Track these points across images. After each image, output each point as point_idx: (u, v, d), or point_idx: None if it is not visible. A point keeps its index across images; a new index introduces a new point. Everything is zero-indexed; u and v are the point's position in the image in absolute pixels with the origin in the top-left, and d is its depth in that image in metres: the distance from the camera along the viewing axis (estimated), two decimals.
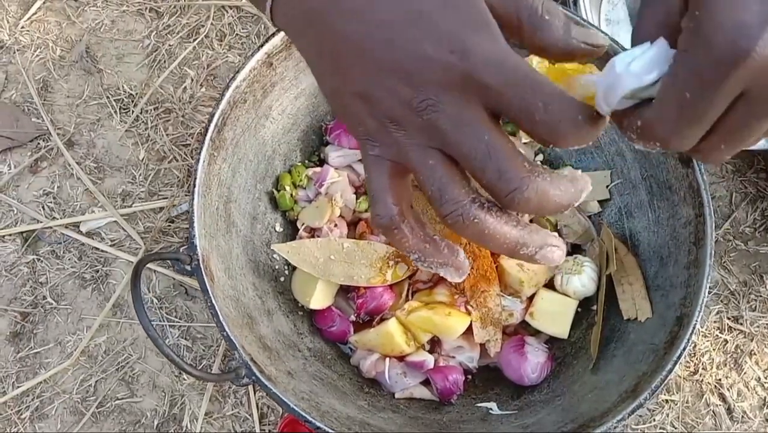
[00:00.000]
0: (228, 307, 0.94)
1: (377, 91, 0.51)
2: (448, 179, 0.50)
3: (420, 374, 1.07)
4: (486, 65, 0.47)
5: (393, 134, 0.52)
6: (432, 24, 0.48)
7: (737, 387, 1.19)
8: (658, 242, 1.08)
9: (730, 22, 0.42)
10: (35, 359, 1.18)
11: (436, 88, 0.48)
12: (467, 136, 0.49)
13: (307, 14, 0.53)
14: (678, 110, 0.45)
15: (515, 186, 0.48)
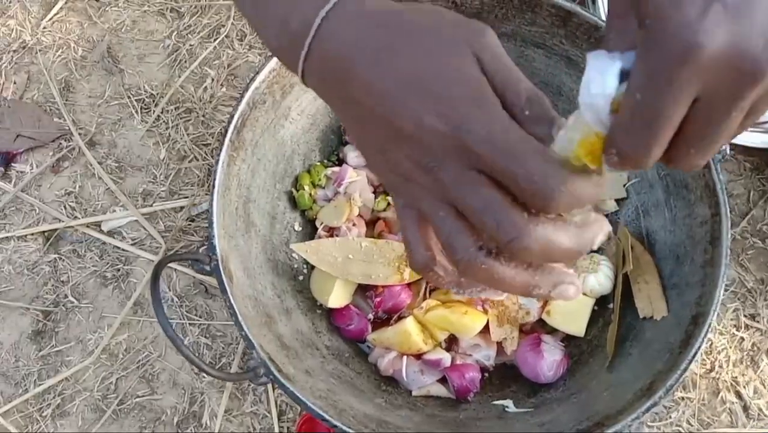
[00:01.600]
0: (247, 306, 0.96)
1: (392, 151, 0.56)
2: (457, 230, 0.54)
3: (437, 372, 1.08)
4: (478, 139, 0.51)
5: (410, 188, 0.56)
6: (434, 97, 0.52)
7: (753, 385, 1.19)
8: (674, 240, 1.08)
9: (676, 20, 0.43)
10: (57, 357, 1.20)
11: (438, 153, 0.52)
12: (466, 193, 0.52)
13: (329, 82, 0.58)
14: (637, 116, 0.46)
15: (513, 235, 0.51)
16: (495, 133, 0.51)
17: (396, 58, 0.55)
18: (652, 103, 0.45)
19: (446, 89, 0.53)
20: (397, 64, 0.55)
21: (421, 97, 0.54)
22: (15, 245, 1.26)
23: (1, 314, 1.23)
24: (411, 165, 0.55)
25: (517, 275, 0.55)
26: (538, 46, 1.13)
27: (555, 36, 1.10)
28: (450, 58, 0.55)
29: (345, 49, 0.57)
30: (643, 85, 0.45)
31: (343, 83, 0.58)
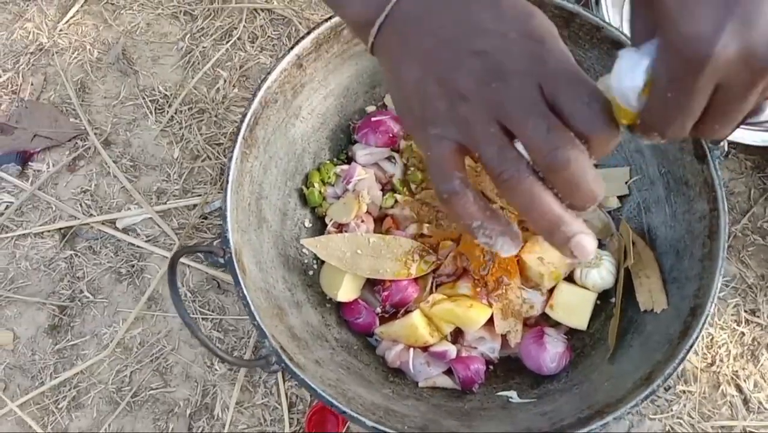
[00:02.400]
0: (259, 298, 0.97)
1: (455, 71, 0.60)
2: (507, 144, 0.58)
3: (443, 363, 1.10)
4: (557, 59, 0.57)
5: (460, 110, 0.60)
6: (520, 20, 0.59)
7: (754, 378, 1.20)
8: (674, 235, 1.10)
9: (692, 33, 0.51)
10: (72, 350, 1.21)
11: (510, 67, 0.58)
12: (525, 106, 0.57)
13: (401, 39, 0.65)
14: (665, 109, 0.55)
15: (558, 145, 0.56)
16: (570, 63, 0.58)
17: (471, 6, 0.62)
18: (678, 100, 0.54)
19: (526, 22, 0.60)
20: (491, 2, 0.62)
21: (507, 19, 0.60)
22: (32, 242, 1.26)
23: (19, 309, 1.23)
24: (472, 80, 0.60)
25: (552, 204, 0.58)
26: None
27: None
28: (536, 12, 0.61)
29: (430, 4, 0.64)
30: (667, 86, 0.54)
31: (423, 22, 0.64)
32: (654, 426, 1.18)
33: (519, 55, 0.58)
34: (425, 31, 0.64)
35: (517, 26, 0.60)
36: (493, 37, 0.60)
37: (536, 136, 0.57)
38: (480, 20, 0.61)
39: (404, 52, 0.66)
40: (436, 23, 0.63)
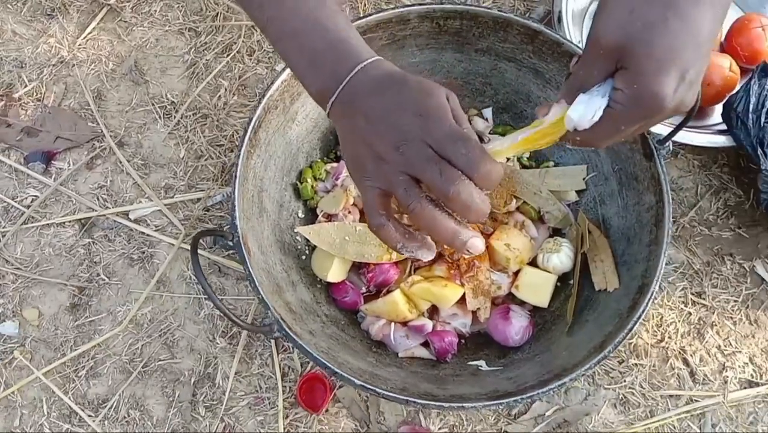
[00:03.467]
0: (261, 276, 1.06)
1: (376, 141, 0.79)
2: (411, 186, 0.78)
3: (420, 336, 1.18)
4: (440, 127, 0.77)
5: (381, 167, 0.79)
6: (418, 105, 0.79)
7: (699, 354, 1.29)
8: (625, 224, 1.19)
9: (658, 93, 0.74)
10: (90, 326, 1.27)
11: (411, 136, 0.77)
12: (424, 161, 0.76)
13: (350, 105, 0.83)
14: (612, 132, 0.79)
15: (452, 181, 0.75)
16: (451, 128, 0.78)
17: (399, 90, 0.81)
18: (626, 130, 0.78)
19: (427, 102, 0.79)
20: (399, 92, 0.81)
21: (409, 109, 0.79)
22: (55, 231, 1.32)
23: (43, 290, 1.29)
24: (388, 147, 0.78)
25: (449, 222, 0.79)
26: (509, 60, 1.24)
27: (524, 51, 1.21)
28: (432, 95, 0.80)
29: (368, 86, 0.82)
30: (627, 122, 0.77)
31: (359, 104, 0.82)
32: (608, 395, 1.26)
33: (415, 128, 0.77)
34: (358, 111, 0.82)
35: (415, 107, 0.79)
36: (399, 116, 0.78)
37: (433, 179, 0.76)
38: (392, 104, 0.80)
39: (346, 123, 0.85)
40: (365, 105, 0.81)
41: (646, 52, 0.74)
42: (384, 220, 0.83)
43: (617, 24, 0.76)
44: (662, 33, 0.74)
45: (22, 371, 1.26)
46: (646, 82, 0.74)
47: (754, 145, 1.28)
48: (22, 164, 1.38)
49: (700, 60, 0.75)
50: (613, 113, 0.77)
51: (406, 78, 0.83)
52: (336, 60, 0.85)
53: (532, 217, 1.27)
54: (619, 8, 0.76)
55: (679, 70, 0.74)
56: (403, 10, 1.20)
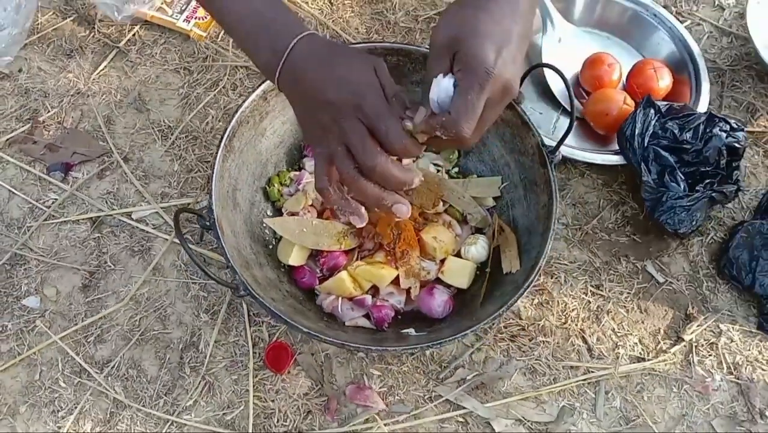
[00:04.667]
0: (233, 253, 1.18)
1: (319, 113, 0.91)
2: (345, 157, 0.90)
3: (363, 309, 1.31)
4: (368, 105, 0.88)
5: (326, 136, 0.92)
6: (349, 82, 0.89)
7: (597, 335, 1.41)
8: (528, 221, 1.34)
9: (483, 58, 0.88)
10: (98, 302, 1.38)
11: (345, 112, 0.89)
12: (353, 135, 0.89)
13: (293, 81, 0.94)
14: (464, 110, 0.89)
15: (371, 161, 0.88)
16: (377, 105, 0.89)
17: (332, 66, 0.90)
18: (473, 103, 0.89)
19: (357, 78, 0.89)
20: (332, 69, 0.90)
21: (344, 80, 0.89)
22: (70, 227, 1.45)
23: (60, 273, 1.40)
24: (328, 119, 0.89)
25: (374, 189, 0.93)
26: None
27: None
28: (362, 67, 0.91)
29: (305, 62, 0.92)
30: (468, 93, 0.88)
31: (301, 79, 0.92)
32: (519, 365, 1.38)
33: (349, 104, 0.88)
34: (305, 79, 0.91)
35: (348, 85, 0.88)
36: (336, 92, 0.89)
37: (357, 152, 0.89)
38: (333, 78, 0.90)
39: (294, 94, 0.95)
40: (306, 77, 0.91)
41: (469, 36, 0.88)
42: (326, 183, 0.94)
43: (444, 27, 0.92)
44: (476, 23, 0.89)
45: (42, 336, 1.36)
46: (473, 53, 0.88)
47: (639, 162, 1.46)
48: (45, 173, 1.49)
49: (511, 43, 0.89)
50: (459, 88, 0.89)
51: (338, 48, 0.92)
52: (274, 36, 0.93)
53: (457, 218, 1.42)
54: (444, 20, 0.93)
55: (495, 45, 0.88)
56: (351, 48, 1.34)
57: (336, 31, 1.70)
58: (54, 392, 1.34)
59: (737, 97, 1.72)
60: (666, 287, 1.49)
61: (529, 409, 1.36)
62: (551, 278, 1.47)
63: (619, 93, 1.58)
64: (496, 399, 1.36)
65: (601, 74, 1.61)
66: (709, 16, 1.82)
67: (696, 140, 1.47)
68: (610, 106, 1.55)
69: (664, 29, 1.71)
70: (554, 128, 1.64)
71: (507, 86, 0.90)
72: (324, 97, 0.89)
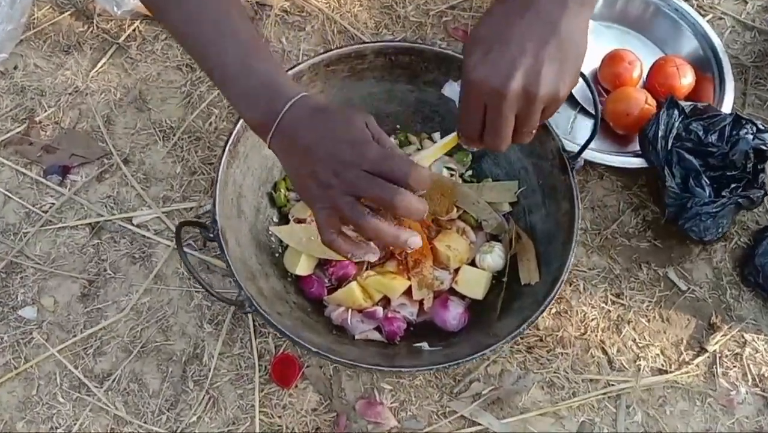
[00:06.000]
0: (238, 265, 1.16)
1: (319, 170, 0.90)
2: (355, 204, 0.89)
3: (373, 321, 1.28)
4: (369, 153, 0.88)
5: (327, 191, 0.90)
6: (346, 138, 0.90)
7: (617, 345, 1.39)
8: (547, 229, 1.31)
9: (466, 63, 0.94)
10: (98, 312, 1.36)
11: (347, 164, 0.89)
12: (362, 181, 0.88)
13: (287, 139, 0.94)
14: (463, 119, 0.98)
15: (390, 195, 0.87)
16: (378, 150, 0.89)
17: (327, 124, 0.92)
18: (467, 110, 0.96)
19: (352, 133, 0.91)
20: (328, 127, 0.91)
21: (339, 139, 0.90)
22: (69, 233, 1.42)
23: (58, 282, 1.38)
24: (329, 174, 0.89)
25: (390, 228, 0.92)
26: None
27: None
28: (353, 121, 0.92)
29: (300, 123, 0.92)
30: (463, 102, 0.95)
31: (295, 137, 0.92)
32: (537, 378, 1.35)
33: (348, 155, 0.89)
34: (299, 141, 0.92)
35: (344, 137, 0.90)
36: (333, 146, 0.89)
37: (375, 194, 0.88)
38: (324, 135, 0.91)
39: (287, 154, 0.96)
40: (301, 137, 0.92)
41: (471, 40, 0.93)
42: (334, 236, 0.94)
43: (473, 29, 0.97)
44: (480, 23, 0.94)
45: (39, 348, 1.34)
46: (463, 58, 0.93)
47: (662, 166, 1.42)
48: (42, 176, 1.47)
49: (509, 42, 0.90)
50: None
51: (329, 110, 0.93)
52: (269, 99, 0.94)
53: (472, 224, 1.38)
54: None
55: (483, 49, 0.91)
56: (360, 47, 1.33)
57: (344, 26, 1.67)
58: (52, 408, 1.32)
59: (761, 95, 1.67)
60: (689, 295, 1.46)
61: (548, 425, 1.33)
62: (570, 286, 1.44)
63: (640, 92, 1.53)
64: (513, 415, 1.33)
65: (621, 72, 1.57)
66: (732, 9, 1.78)
67: (722, 143, 1.42)
68: (631, 106, 1.50)
69: (686, 24, 1.66)
70: (571, 128, 1.59)
71: (492, 87, 0.91)
72: (323, 153, 0.90)
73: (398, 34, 1.67)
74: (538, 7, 0.92)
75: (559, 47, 0.92)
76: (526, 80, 0.91)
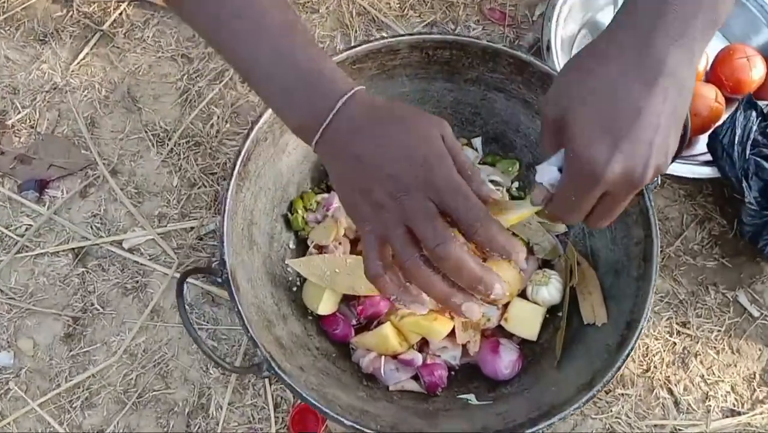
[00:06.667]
0: (251, 312, 1.06)
1: (374, 188, 0.77)
2: (408, 242, 0.76)
3: (410, 369, 1.18)
4: (439, 179, 0.75)
5: (379, 215, 0.77)
6: (415, 152, 0.76)
7: (683, 383, 1.30)
8: (614, 257, 1.19)
9: (589, 158, 0.74)
10: (85, 356, 1.27)
11: (409, 187, 0.75)
12: (420, 214, 0.75)
13: (338, 145, 0.81)
14: (565, 206, 0.79)
15: (440, 241, 0.73)
16: (450, 178, 0.75)
17: (389, 132, 0.79)
18: (574, 203, 0.78)
19: (423, 148, 0.77)
20: (390, 136, 0.78)
21: (403, 154, 0.76)
22: (49, 260, 1.32)
23: (38, 320, 1.29)
24: (385, 196, 0.76)
25: (441, 283, 0.77)
26: (499, 90, 1.24)
27: (513, 82, 1.21)
28: (426, 132, 0.79)
29: (354, 127, 0.79)
30: (570, 192, 0.77)
31: (348, 144, 0.79)
32: (595, 425, 1.26)
33: (415, 178, 0.75)
34: (347, 151, 0.80)
35: (412, 153, 0.76)
36: (396, 162, 0.76)
37: (426, 236, 0.74)
38: (385, 146, 0.78)
39: (336, 163, 0.83)
40: (354, 145, 0.79)
41: (575, 121, 0.76)
42: (381, 270, 0.81)
43: (553, 97, 0.79)
44: (584, 97, 0.76)
45: (17, 401, 1.25)
46: (578, 148, 0.75)
47: (739, 178, 1.29)
48: (16, 193, 1.38)
49: (638, 130, 0.75)
50: (563, 182, 0.79)
51: (394, 111, 0.82)
52: (313, 96, 0.82)
53: None
54: (553, 86, 0.80)
55: (611, 138, 0.74)
56: (392, 41, 1.20)
57: (363, 6, 1.55)
58: None
59: None
60: (761, 322, 1.37)
61: None
62: None
63: (709, 88, 1.39)
64: None
65: None
66: None
67: None
68: (699, 105, 1.37)
69: (755, 9, 1.51)
70: None
71: (631, 181, 0.77)
72: (381, 170, 0.78)
73: (426, 17, 1.55)
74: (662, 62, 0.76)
75: (682, 110, 0.79)
76: (657, 162, 0.78)
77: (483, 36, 1.31)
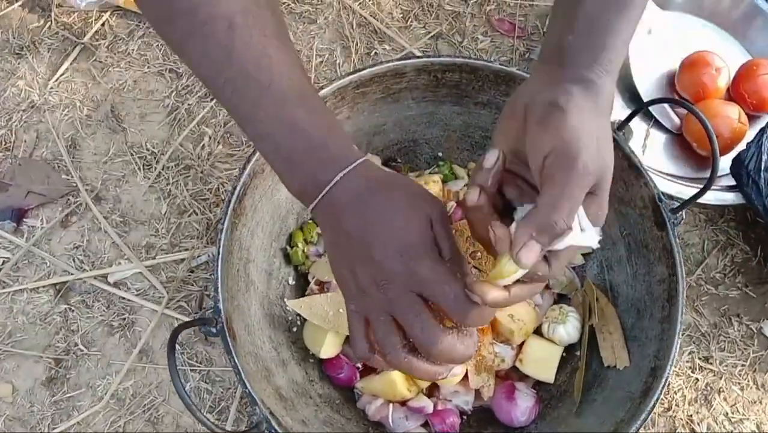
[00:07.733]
0: (248, 362, 1.01)
1: (359, 270, 0.78)
2: (390, 332, 0.77)
3: (420, 417, 1.13)
4: (422, 272, 0.75)
5: (364, 298, 0.79)
6: (400, 239, 0.76)
7: (707, 422, 1.26)
8: (635, 295, 1.15)
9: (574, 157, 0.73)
10: (69, 402, 1.23)
11: (392, 276, 0.75)
12: (405, 307, 0.76)
13: (332, 216, 0.81)
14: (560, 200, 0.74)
15: (431, 343, 0.75)
16: (433, 269, 0.75)
17: (381, 215, 0.78)
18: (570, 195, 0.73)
19: (407, 236, 0.77)
20: (381, 219, 0.78)
21: (391, 237, 0.77)
22: (28, 297, 1.28)
23: (17, 362, 1.25)
24: (370, 281, 0.77)
25: (428, 367, 0.80)
26: None
27: None
28: (414, 217, 0.78)
29: (349, 199, 0.79)
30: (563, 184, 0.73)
31: (341, 217, 0.80)
32: None
33: (397, 267, 0.76)
34: (340, 224, 0.80)
35: (400, 244, 0.77)
36: (380, 250, 0.76)
37: (414, 333, 0.76)
38: (380, 231, 0.78)
39: (329, 232, 0.84)
40: (346, 221, 0.80)
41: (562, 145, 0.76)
42: (368, 351, 0.83)
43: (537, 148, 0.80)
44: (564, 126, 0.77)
45: None
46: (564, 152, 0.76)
47: (766, 206, 1.25)
48: None
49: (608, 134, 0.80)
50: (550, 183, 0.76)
51: (391, 189, 0.82)
52: (315, 166, 0.82)
53: None
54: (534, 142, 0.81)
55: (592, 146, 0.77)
56: (398, 64, 1.17)
57: (364, 17, 1.52)
58: None
59: None
60: None
61: None
62: None
63: (731, 107, 1.35)
64: None
65: (705, 80, 1.38)
66: None
67: None
68: (721, 125, 1.32)
69: None
70: (645, 147, 1.40)
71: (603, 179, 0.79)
72: (369, 251, 0.79)
73: (431, 28, 1.51)
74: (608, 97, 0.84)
75: None
76: None
77: (491, 49, 1.24)
